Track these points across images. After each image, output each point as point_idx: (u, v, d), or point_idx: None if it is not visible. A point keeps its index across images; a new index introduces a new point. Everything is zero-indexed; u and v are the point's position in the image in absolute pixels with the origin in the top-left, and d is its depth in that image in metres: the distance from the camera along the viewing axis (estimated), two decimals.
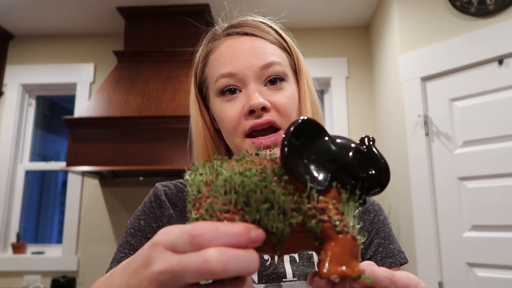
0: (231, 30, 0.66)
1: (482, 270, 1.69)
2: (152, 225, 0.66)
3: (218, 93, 0.63)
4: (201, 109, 0.69)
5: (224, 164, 0.33)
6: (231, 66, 0.61)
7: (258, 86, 0.61)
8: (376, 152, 0.34)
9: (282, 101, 0.61)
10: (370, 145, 0.34)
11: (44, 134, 2.99)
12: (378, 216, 0.71)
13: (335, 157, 0.33)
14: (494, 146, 1.70)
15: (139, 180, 2.57)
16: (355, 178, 0.33)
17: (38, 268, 2.47)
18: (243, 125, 0.60)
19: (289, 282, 0.60)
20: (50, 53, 2.79)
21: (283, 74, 0.63)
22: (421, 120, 1.94)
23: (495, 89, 1.73)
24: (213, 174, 0.32)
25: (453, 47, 1.87)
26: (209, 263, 0.27)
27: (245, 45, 0.63)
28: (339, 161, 0.33)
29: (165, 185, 0.71)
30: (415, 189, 1.93)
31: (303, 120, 0.33)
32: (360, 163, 0.33)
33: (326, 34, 2.71)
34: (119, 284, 0.34)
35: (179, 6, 2.45)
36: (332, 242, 0.31)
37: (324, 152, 0.33)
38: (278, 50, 0.65)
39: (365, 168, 0.33)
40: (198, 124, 0.69)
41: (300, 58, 0.69)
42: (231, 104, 0.62)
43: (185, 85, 2.27)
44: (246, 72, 0.61)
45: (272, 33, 0.66)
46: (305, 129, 0.33)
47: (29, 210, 2.79)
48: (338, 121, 2.59)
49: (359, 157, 0.33)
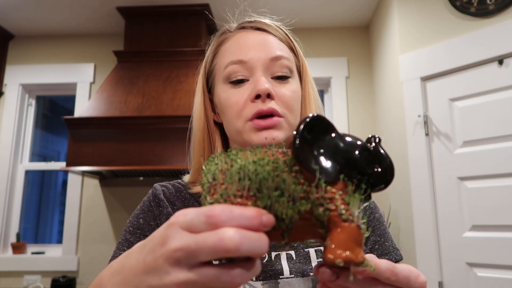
0: (245, 24, 0.70)
1: (482, 270, 1.69)
2: (151, 223, 0.67)
3: (225, 79, 0.65)
4: (205, 100, 0.71)
5: (239, 153, 0.35)
6: (242, 54, 0.64)
7: (266, 75, 0.64)
8: (382, 150, 0.35)
9: (287, 93, 0.63)
10: (377, 144, 0.36)
11: (44, 134, 2.99)
12: (374, 214, 0.73)
13: (343, 152, 0.35)
14: (494, 146, 1.70)
15: (139, 180, 2.57)
16: (361, 173, 0.35)
17: (38, 268, 2.47)
18: (248, 110, 0.62)
19: (286, 279, 0.61)
20: (50, 53, 2.79)
21: (290, 70, 0.66)
22: (421, 120, 1.94)
23: (495, 89, 1.73)
24: (228, 163, 0.34)
25: (453, 47, 1.87)
26: (223, 240, 0.29)
27: (256, 38, 0.66)
28: (347, 157, 0.35)
29: (163, 185, 0.73)
30: (415, 189, 1.93)
31: (314, 116, 0.34)
32: (366, 160, 0.35)
33: (326, 34, 2.71)
34: (135, 262, 0.35)
35: (179, 6, 2.45)
36: (338, 229, 0.33)
37: (333, 147, 0.35)
38: (286, 48, 0.68)
39: (371, 165, 0.35)
40: (200, 113, 0.70)
41: (305, 61, 0.71)
42: (237, 91, 0.64)
43: (185, 85, 2.27)
44: (256, 62, 0.63)
45: (282, 33, 0.70)
46: (316, 125, 0.34)
47: (29, 210, 2.79)
48: (338, 121, 2.59)
49: (366, 154, 0.35)
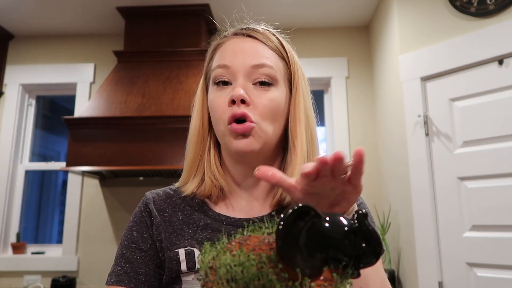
0: (239, 31, 0.72)
1: (482, 270, 1.69)
2: (144, 235, 0.68)
3: (213, 81, 0.69)
4: (203, 99, 0.73)
5: (227, 253, 0.37)
6: (228, 59, 0.67)
7: (245, 82, 0.66)
8: (368, 227, 0.36)
9: (263, 101, 0.65)
10: (361, 222, 0.36)
11: (44, 134, 2.99)
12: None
13: (328, 239, 0.35)
14: (494, 146, 1.70)
15: (139, 180, 2.57)
16: (348, 256, 0.35)
17: (38, 268, 2.48)
18: (226, 113, 0.65)
19: None
20: (50, 53, 2.80)
21: (272, 78, 0.67)
22: (421, 120, 1.94)
23: (495, 89, 1.73)
24: (217, 263, 0.36)
25: (453, 47, 1.87)
26: None
27: (246, 45, 0.69)
28: (332, 243, 0.35)
29: (154, 193, 0.74)
30: (415, 189, 1.93)
31: (295, 209, 0.34)
32: (353, 242, 0.35)
33: (326, 34, 2.71)
34: None
35: (179, 6, 2.45)
36: None
37: (317, 236, 0.35)
38: (275, 57, 0.69)
39: (359, 244, 0.36)
40: (198, 111, 0.73)
41: (299, 71, 0.72)
42: (221, 94, 0.67)
43: (185, 85, 2.27)
44: (239, 67, 0.66)
45: (275, 41, 0.71)
46: (299, 216, 0.35)
47: (29, 210, 2.79)
48: (338, 121, 2.59)
49: (352, 237, 0.35)
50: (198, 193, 0.69)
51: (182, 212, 0.70)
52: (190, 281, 0.64)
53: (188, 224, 0.68)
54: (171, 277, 0.65)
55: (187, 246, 0.65)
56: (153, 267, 0.67)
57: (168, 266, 0.65)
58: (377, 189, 2.48)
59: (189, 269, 0.64)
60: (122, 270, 0.66)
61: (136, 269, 0.66)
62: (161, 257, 0.67)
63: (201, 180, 0.70)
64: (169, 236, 0.67)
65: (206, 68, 0.75)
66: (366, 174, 1.94)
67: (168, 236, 0.67)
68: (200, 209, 0.70)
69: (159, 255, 0.67)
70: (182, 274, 0.64)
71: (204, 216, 0.69)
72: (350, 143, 2.56)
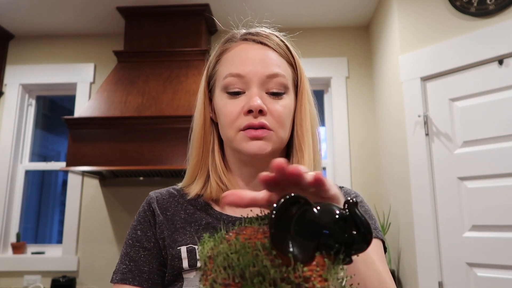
0: (247, 36, 0.72)
1: (482, 270, 1.69)
2: (148, 234, 0.70)
3: (223, 88, 0.69)
4: (205, 100, 0.74)
5: (224, 242, 0.39)
6: (240, 68, 0.67)
7: (260, 91, 0.67)
8: (357, 213, 0.37)
9: (279, 109, 0.67)
10: (351, 209, 0.37)
11: (44, 134, 2.99)
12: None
13: (319, 227, 0.36)
14: (494, 146, 1.70)
15: (139, 180, 2.57)
16: (339, 242, 0.37)
17: (38, 268, 2.47)
18: (240, 122, 0.66)
19: None
20: (50, 53, 2.80)
21: (285, 87, 0.69)
22: (421, 120, 1.94)
23: (495, 89, 1.73)
24: (214, 252, 0.38)
25: (453, 47, 1.87)
26: None
27: (256, 53, 0.69)
28: (323, 230, 0.37)
29: (157, 192, 0.75)
30: (415, 189, 1.93)
31: (287, 198, 0.36)
32: (343, 229, 0.37)
33: (326, 34, 2.71)
34: None
35: (179, 6, 2.45)
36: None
37: (309, 223, 0.36)
38: (284, 63, 0.70)
39: (349, 231, 0.37)
40: (201, 112, 0.74)
41: (304, 75, 0.73)
42: (233, 102, 0.68)
43: (185, 85, 2.27)
44: (252, 77, 0.67)
45: (284, 47, 0.72)
46: (291, 205, 0.36)
47: (29, 210, 2.79)
48: (338, 121, 2.59)
49: (342, 224, 0.37)
50: (204, 196, 0.71)
51: (185, 211, 0.71)
52: (191, 279, 0.65)
53: (190, 223, 0.69)
54: (173, 275, 0.66)
55: (188, 244, 0.66)
56: (157, 265, 0.68)
57: (170, 263, 0.66)
58: (377, 189, 2.48)
59: (190, 267, 0.65)
60: (126, 268, 0.68)
61: (140, 267, 0.67)
62: (164, 255, 0.68)
63: (205, 181, 0.72)
64: (171, 234, 0.68)
65: (210, 72, 0.74)
66: (366, 174, 1.97)
67: (171, 234, 0.68)
68: (202, 209, 0.71)
69: (162, 253, 0.68)
70: (183, 272, 0.65)
71: (206, 215, 0.70)
72: (350, 143, 2.56)
